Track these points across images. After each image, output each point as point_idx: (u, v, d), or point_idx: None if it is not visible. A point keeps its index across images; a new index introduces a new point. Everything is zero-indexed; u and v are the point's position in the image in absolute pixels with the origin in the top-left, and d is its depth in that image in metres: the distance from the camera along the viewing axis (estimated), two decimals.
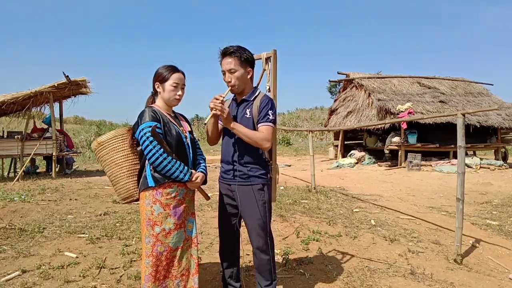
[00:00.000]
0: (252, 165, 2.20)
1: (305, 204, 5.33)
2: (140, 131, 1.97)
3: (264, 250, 2.22)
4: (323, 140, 24.20)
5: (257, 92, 2.26)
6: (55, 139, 8.64)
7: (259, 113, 2.16)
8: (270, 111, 2.16)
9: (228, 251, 2.38)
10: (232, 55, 2.11)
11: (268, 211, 2.26)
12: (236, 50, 2.11)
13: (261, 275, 2.26)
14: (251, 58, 2.19)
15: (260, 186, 2.21)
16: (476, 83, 15.26)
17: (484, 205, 6.02)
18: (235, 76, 2.13)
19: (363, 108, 13.27)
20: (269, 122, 2.15)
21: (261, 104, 2.17)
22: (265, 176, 2.25)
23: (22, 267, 2.82)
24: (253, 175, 2.20)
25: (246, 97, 2.22)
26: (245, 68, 2.16)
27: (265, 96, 2.24)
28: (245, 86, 2.21)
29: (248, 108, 2.20)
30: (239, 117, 2.21)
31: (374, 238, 3.83)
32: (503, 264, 3.41)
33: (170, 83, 2.07)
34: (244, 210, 2.22)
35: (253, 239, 2.23)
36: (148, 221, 1.99)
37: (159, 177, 1.99)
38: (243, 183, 2.19)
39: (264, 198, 2.22)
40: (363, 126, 11.57)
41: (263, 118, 2.15)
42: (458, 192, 3.43)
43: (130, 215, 4.62)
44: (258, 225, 2.19)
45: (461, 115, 3.48)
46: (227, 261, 2.39)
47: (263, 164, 2.25)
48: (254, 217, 2.19)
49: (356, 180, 8.75)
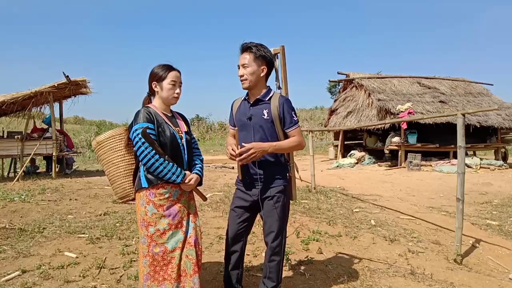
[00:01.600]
0: (272, 167, 2.20)
1: (305, 204, 5.33)
2: (133, 131, 1.97)
3: (277, 251, 2.21)
4: (323, 140, 24.21)
5: (272, 93, 2.24)
6: (55, 139, 8.64)
7: (282, 117, 2.15)
8: (293, 112, 2.18)
9: (235, 251, 2.35)
10: (248, 51, 2.14)
11: (287, 213, 2.27)
12: (253, 46, 2.13)
13: (269, 276, 2.24)
14: (268, 56, 2.18)
15: (282, 188, 2.21)
16: (476, 83, 15.27)
17: (484, 205, 6.02)
18: (248, 71, 2.13)
19: (363, 108, 13.28)
20: (296, 124, 2.18)
21: (281, 106, 2.15)
22: (285, 177, 2.26)
23: (22, 267, 2.82)
24: (274, 177, 2.20)
25: (260, 97, 2.20)
26: (259, 65, 2.15)
27: (282, 97, 2.23)
28: (257, 84, 2.18)
29: (266, 109, 2.17)
30: (255, 117, 2.18)
31: (374, 238, 3.83)
32: (503, 264, 3.41)
33: (168, 81, 2.07)
34: (265, 210, 2.21)
35: (268, 239, 2.22)
36: (142, 222, 1.99)
37: (152, 178, 1.98)
38: (265, 186, 2.19)
39: (284, 200, 2.22)
40: (363, 126, 11.58)
41: (290, 122, 2.16)
42: (458, 192, 3.43)
43: (130, 215, 4.62)
44: (276, 226, 2.19)
45: (461, 115, 3.48)
46: (232, 262, 2.35)
47: (283, 165, 2.26)
48: (273, 218, 2.19)
49: (356, 180, 8.75)
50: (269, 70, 2.22)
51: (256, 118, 2.18)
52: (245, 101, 2.27)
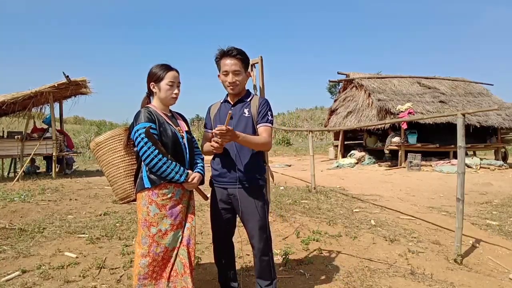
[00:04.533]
0: (251, 167, 2.21)
1: (305, 204, 5.33)
2: (135, 132, 1.96)
3: (264, 250, 2.23)
4: (323, 140, 24.21)
5: (252, 95, 2.33)
6: (55, 139, 8.64)
7: (258, 113, 2.21)
8: (269, 112, 2.23)
9: (224, 253, 2.39)
10: (236, 57, 2.16)
11: (267, 212, 2.29)
12: (241, 53, 2.18)
13: (262, 276, 2.26)
14: (249, 60, 2.27)
15: (259, 188, 2.24)
16: (476, 83, 15.25)
17: (484, 205, 6.01)
18: (239, 78, 2.17)
19: (363, 108, 13.27)
20: (269, 122, 2.21)
21: (260, 105, 2.23)
22: (263, 177, 2.28)
23: (22, 267, 2.82)
24: (253, 177, 2.21)
25: (242, 97, 2.27)
26: (246, 71, 2.23)
27: (263, 98, 2.32)
28: (243, 88, 2.28)
29: (246, 108, 2.24)
30: (236, 115, 2.23)
31: (374, 238, 3.83)
32: (503, 264, 3.41)
33: (166, 82, 2.07)
34: (245, 213, 2.22)
35: (254, 240, 2.23)
36: (144, 222, 1.99)
37: (155, 178, 1.98)
38: (244, 186, 2.19)
39: (263, 199, 2.25)
40: (363, 126, 11.57)
41: (263, 118, 2.20)
42: (458, 192, 3.43)
43: (130, 215, 4.62)
44: (259, 227, 2.20)
45: (461, 115, 3.48)
46: (223, 263, 2.39)
47: (261, 166, 2.28)
48: (255, 219, 2.20)
49: (356, 180, 8.74)
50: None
51: (237, 116, 2.23)
52: (226, 103, 2.32)
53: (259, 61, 2.80)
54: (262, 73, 2.82)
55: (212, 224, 2.36)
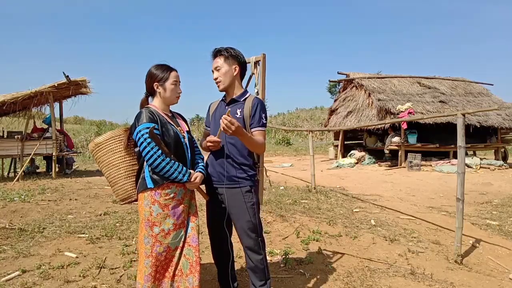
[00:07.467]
0: (241, 167, 2.19)
1: (305, 204, 5.33)
2: (137, 132, 1.96)
3: (255, 250, 2.22)
4: (323, 140, 24.20)
5: (247, 94, 2.28)
6: (55, 139, 8.64)
7: (252, 115, 2.17)
8: (263, 114, 2.20)
9: (221, 252, 2.39)
10: (218, 54, 2.19)
11: (257, 212, 2.26)
12: (224, 49, 2.19)
13: (255, 275, 2.25)
14: (238, 55, 2.22)
15: (248, 188, 2.21)
16: (476, 83, 15.26)
17: (484, 205, 6.01)
18: (221, 72, 2.18)
19: (363, 108, 13.27)
20: (263, 126, 2.19)
21: (254, 107, 2.18)
22: (253, 178, 2.25)
23: (22, 267, 2.82)
24: (241, 177, 2.19)
25: (236, 97, 2.24)
26: (231, 65, 2.19)
27: (256, 98, 2.25)
28: (232, 84, 2.22)
29: (239, 108, 2.21)
30: None
31: (374, 238, 3.83)
32: (503, 264, 3.41)
33: (170, 82, 2.08)
34: (232, 213, 2.22)
35: (243, 240, 2.23)
36: (147, 222, 1.99)
37: (157, 179, 1.98)
38: (231, 186, 2.19)
39: (252, 199, 2.22)
40: (363, 126, 11.56)
41: (258, 122, 2.17)
42: (458, 192, 3.43)
43: (130, 215, 4.62)
44: (248, 227, 2.19)
45: (461, 115, 3.48)
46: (222, 262, 2.40)
47: (251, 167, 2.26)
48: (243, 219, 2.19)
49: (356, 180, 8.75)
50: (242, 70, 2.26)
51: None
52: (222, 102, 2.32)
53: (261, 59, 2.80)
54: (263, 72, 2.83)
55: (208, 223, 2.38)
